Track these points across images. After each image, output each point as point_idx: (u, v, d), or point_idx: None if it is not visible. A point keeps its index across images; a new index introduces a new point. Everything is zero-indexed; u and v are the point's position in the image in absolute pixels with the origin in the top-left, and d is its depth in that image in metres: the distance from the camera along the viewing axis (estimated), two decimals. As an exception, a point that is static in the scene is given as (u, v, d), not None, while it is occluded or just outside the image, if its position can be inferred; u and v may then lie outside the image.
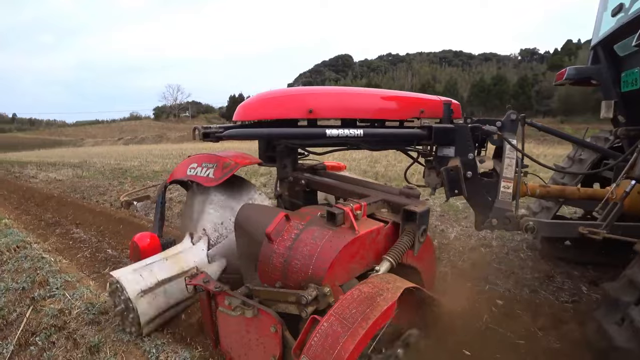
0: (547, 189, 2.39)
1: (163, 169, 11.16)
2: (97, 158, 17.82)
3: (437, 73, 65.94)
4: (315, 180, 2.20)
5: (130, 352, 1.87)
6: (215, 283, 1.51)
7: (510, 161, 2.11)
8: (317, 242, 1.38)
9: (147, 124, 78.27)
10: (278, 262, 1.42)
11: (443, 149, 2.15)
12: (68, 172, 11.60)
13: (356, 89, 2.25)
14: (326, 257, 1.32)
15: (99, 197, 6.91)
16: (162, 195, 2.47)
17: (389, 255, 1.42)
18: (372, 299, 1.18)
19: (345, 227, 1.43)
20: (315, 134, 1.95)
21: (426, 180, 2.34)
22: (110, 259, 3.47)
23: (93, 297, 2.47)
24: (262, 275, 1.49)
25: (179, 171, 2.37)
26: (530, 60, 79.24)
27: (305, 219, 1.52)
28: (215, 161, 2.14)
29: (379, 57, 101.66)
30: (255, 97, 2.16)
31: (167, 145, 38.12)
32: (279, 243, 1.44)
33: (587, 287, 2.76)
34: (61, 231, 4.57)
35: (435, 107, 2.24)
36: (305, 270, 1.34)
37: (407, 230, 1.54)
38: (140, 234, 2.15)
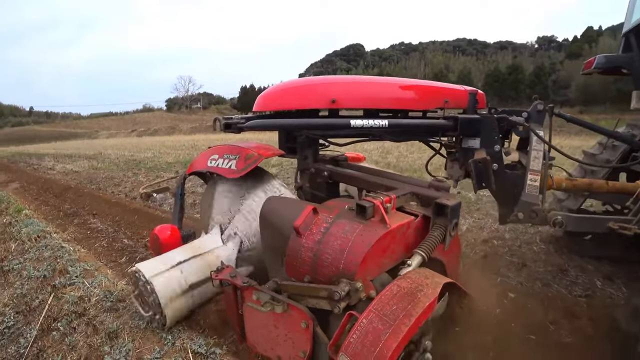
0: (573, 182, 2.34)
1: (176, 160, 11.30)
2: (111, 150, 18.13)
3: (451, 62, 64.71)
4: (338, 171, 2.15)
5: (147, 338, 1.93)
6: (242, 278, 1.49)
7: (537, 153, 2.06)
8: (347, 236, 1.34)
9: (160, 116, 79.03)
10: (307, 256, 1.38)
11: (468, 140, 2.10)
12: (84, 163, 11.85)
13: (380, 78, 2.19)
14: (358, 252, 1.29)
15: (114, 188, 7.05)
16: (181, 187, 2.45)
17: (420, 249, 1.39)
18: (412, 295, 1.15)
19: (375, 221, 1.39)
20: (340, 124, 1.91)
21: (448, 172, 2.29)
22: (126, 248, 3.57)
23: (111, 285, 2.55)
24: (290, 270, 1.45)
25: (199, 162, 2.33)
26: (548, 48, 76.97)
27: (333, 212, 1.47)
28: (238, 152, 2.08)
29: (391, 46, 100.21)
30: (275, 87, 2.12)
31: (180, 136, 38.49)
32: (308, 237, 1.41)
33: (601, 282, 2.72)
34: (79, 221, 4.70)
35: (459, 97, 2.18)
36: (336, 265, 1.31)
37: (438, 224, 1.51)
38: (161, 226, 2.13)
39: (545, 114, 2.14)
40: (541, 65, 50.09)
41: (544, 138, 2.07)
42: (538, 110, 2.13)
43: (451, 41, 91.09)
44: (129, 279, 1.95)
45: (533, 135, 2.07)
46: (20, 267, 3.06)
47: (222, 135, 9.52)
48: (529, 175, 2.06)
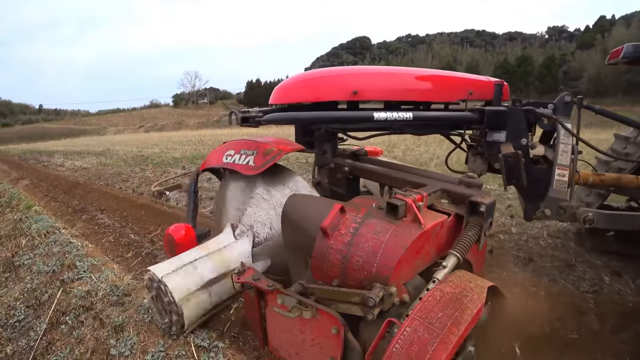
0: (600, 177, 2.25)
1: (183, 156, 11.38)
2: (119, 146, 18.30)
3: (458, 54, 63.89)
4: (360, 167, 2.05)
5: (152, 331, 1.96)
6: (266, 281, 1.39)
7: (565, 147, 1.95)
8: (379, 237, 1.25)
9: (167, 112, 79.51)
10: (336, 258, 1.30)
11: (493, 133, 2.01)
12: (92, 160, 11.98)
13: (402, 68, 2.11)
14: (392, 254, 1.20)
15: (122, 183, 7.12)
16: (194, 184, 2.34)
17: (455, 249, 1.31)
18: (458, 301, 1.08)
19: (408, 221, 1.30)
20: (363, 117, 1.82)
21: (470, 167, 2.22)
22: (132, 243, 3.60)
23: (117, 280, 2.59)
24: (317, 272, 1.37)
25: (214, 158, 2.21)
26: (559, 39, 75.49)
27: (361, 211, 1.38)
28: (255, 148, 1.96)
29: (398, 38, 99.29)
30: (293, 78, 2.04)
31: (186, 131, 38.73)
32: (336, 238, 1.32)
33: (609, 278, 2.69)
34: (87, 217, 4.76)
35: (484, 88, 2.10)
36: (368, 269, 1.22)
37: (473, 223, 1.42)
38: (175, 226, 2.02)
39: (572, 105, 2.05)
40: (551, 57, 49.20)
41: (572, 131, 1.97)
42: (565, 102, 2.04)
43: (459, 32, 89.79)
44: (145, 286, 1.87)
45: (560, 128, 1.96)
46: (30, 262, 3.11)
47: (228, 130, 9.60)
48: (557, 169, 1.96)
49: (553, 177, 1.96)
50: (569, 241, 3.23)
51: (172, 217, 4.37)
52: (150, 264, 3.17)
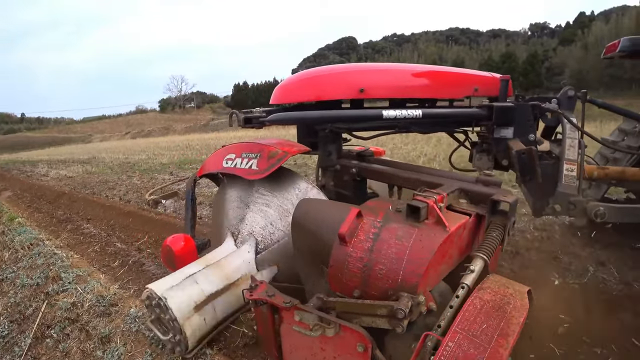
0: (605, 171, 2.25)
1: (170, 161, 11.27)
2: (105, 153, 18.04)
3: (444, 52, 64.61)
4: (369, 167, 1.97)
5: (139, 341, 1.94)
6: (282, 296, 1.27)
7: (572, 142, 1.93)
8: (403, 242, 1.16)
9: (153, 117, 78.58)
10: (356, 267, 1.20)
11: (501, 129, 1.97)
12: (78, 168, 11.76)
13: (408, 65, 2.06)
14: (419, 260, 1.11)
15: (109, 191, 7.01)
16: (191, 191, 2.21)
17: (481, 252, 1.23)
18: (501, 309, 1.00)
19: (430, 223, 1.22)
20: (372, 115, 1.75)
21: (476, 164, 2.18)
22: (119, 252, 3.54)
23: (103, 290, 2.55)
24: (335, 283, 1.27)
25: (212, 163, 2.06)
26: (541, 35, 76.87)
27: (378, 214, 1.28)
28: (259, 150, 1.83)
29: (384, 38, 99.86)
30: (296, 76, 1.96)
31: (174, 137, 38.30)
32: (355, 245, 1.22)
33: (594, 267, 2.74)
34: (72, 227, 4.66)
35: (489, 84, 2.07)
36: (393, 277, 1.13)
37: (496, 223, 1.35)
38: (173, 237, 1.87)
39: (576, 100, 2.04)
40: (534, 53, 50.08)
41: (578, 125, 1.96)
42: (569, 96, 2.02)
43: (444, 31, 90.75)
44: (144, 305, 1.71)
45: (566, 122, 1.92)
46: (13, 275, 3.04)
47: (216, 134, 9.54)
48: (565, 164, 1.93)
49: (561, 172, 1.93)
50: (554, 234, 3.28)
51: (160, 224, 4.31)
52: (137, 273, 3.12)
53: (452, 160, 2.61)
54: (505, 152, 2.02)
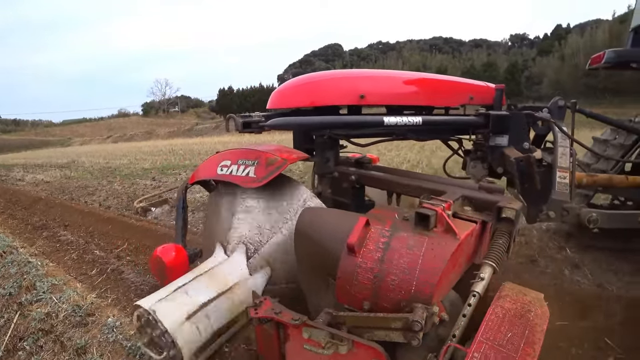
0: (593, 178, 2.35)
1: (153, 166, 11.09)
2: (85, 157, 17.63)
3: (427, 60, 65.81)
4: (368, 175, 1.94)
5: (116, 351, 1.90)
6: (289, 313, 1.21)
7: (564, 150, 1.98)
8: (414, 251, 1.14)
9: (136, 121, 77.09)
10: (366, 278, 1.16)
11: (496, 137, 2.02)
12: (56, 173, 11.44)
13: (407, 72, 2.09)
14: (432, 270, 1.09)
15: (88, 197, 6.84)
16: (182, 198, 2.12)
17: (489, 259, 1.22)
18: (523, 317, 1.00)
19: (440, 232, 1.20)
20: (373, 122, 1.74)
21: (470, 172, 2.22)
22: (97, 260, 3.46)
23: (80, 299, 2.49)
24: (342, 295, 1.22)
25: (206, 170, 1.98)
26: (521, 45, 79.22)
27: (386, 223, 1.25)
28: (256, 157, 1.76)
29: (369, 45, 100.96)
30: (294, 81, 1.92)
31: (157, 141, 37.68)
32: (365, 255, 1.18)
33: (569, 270, 2.83)
34: (48, 234, 4.52)
35: (484, 93, 2.13)
36: (406, 288, 1.10)
37: (502, 230, 1.35)
38: (163, 247, 1.76)
39: (566, 109, 2.12)
40: (514, 63, 51.50)
41: (569, 134, 2.02)
42: (559, 106, 2.09)
43: (428, 40, 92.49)
44: (136, 328, 1.57)
45: (558, 131, 1.97)
46: (-16, 285, 2.93)
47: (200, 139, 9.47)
48: (558, 172, 1.97)
49: (554, 180, 1.97)
50: (532, 238, 3.37)
51: (141, 230, 4.23)
52: (115, 281, 3.01)
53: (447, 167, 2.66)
54: (501, 160, 2.06)
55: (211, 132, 46.94)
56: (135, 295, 2.69)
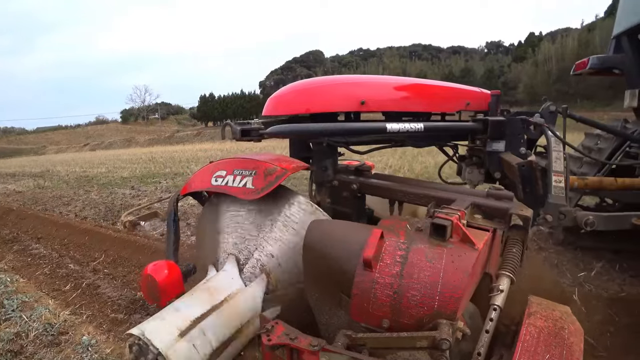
0: (585, 181, 2.40)
1: (132, 175, 10.81)
2: (60, 166, 17.05)
3: (407, 67, 67.01)
4: (370, 183, 1.88)
5: (92, 373, 1.80)
6: (306, 338, 1.11)
7: (557, 154, 2.00)
8: (435, 264, 1.08)
9: (115, 128, 75.36)
10: (384, 294, 1.10)
11: (493, 143, 2.03)
12: (28, 182, 10.98)
13: (407, 78, 2.07)
14: (456, 283, 1.03)
15: (63, 207, 6.58)
16: (174, 211, 1.98)
17: (506, 270, 1.18)
18: (558, 336, 0.95)
19: (456, 242, 1.15)
20: (376, 128, 1.70)
21: (467, 177, 2.23)
22: (72, 274, 3.30)
23: (52, 317, 2.37)
24: (358, 313, 1.15)
25: (199, 180, 1.87)
26: (496, 52, 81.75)
27: (399, 234, 1.19)
28: (254, 167, 1.66)
29: (350, 52, 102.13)
30: (292, 87, 1.86)
31: (136, 149, 36.90)
32: (382, 270, 1.11)
33: (548, 270, 2.89)
34: (19, 248, 4.28)
35: (479, 99, 2.15)
36: (429, 303, 1.05)
37: (514, 238, 1.31)
38: (154, 265, 1.60)
39: (557, 114, 2.16)
40: (491, 69, 53.29)
41: (562, 139, 2.03)
42: (550, 111, 2.13)
43: (407, 46, 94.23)
44: (127, 357, 1.39)
45: (551, 136, 2.01)
46: (-53, 305, 2.75)
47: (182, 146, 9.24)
48: (553, 176, 1.98)
49: (550, 184, 1.98)
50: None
51: (119, 242, 4.08)
52: (91, 296, 2.84)
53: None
54: (498, 165, 2.08)
55: (192, 139, 46.31)
56: (112, 311, 2.57)
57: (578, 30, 44.03)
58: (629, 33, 2.55)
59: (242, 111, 63.90)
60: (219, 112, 65.63)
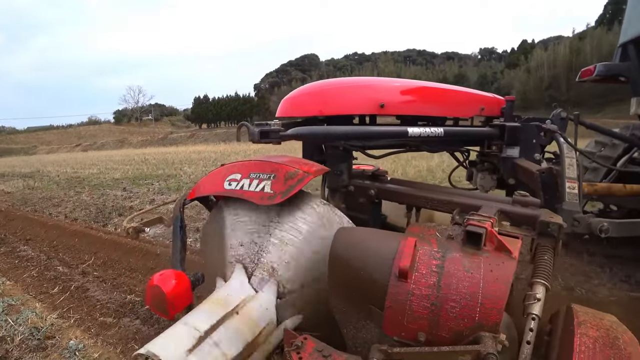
0: (594, 187, 2.42)
1: (124, 176, 10.69)
2: (51, 166, 16.83)
3: (402, 72, 67.44)
4: (389, 188, 1.82)
5: (78, 379, 1.76)
6: (340, 354, 1.07)
7: (570, 160, 2.00)
8: (473, 274, 1.04)
9: (108, 129, 74.66)
10: (421, 306, 1.06)
11: (508, 149, 2.04)
12: (18, 183, 10.81)
13: (426, 82, 2.04)
14: (497, 294, 1.00)
15: (53, 209, 6.47)
16: (180, 217, 1.87)
17: (540, 277, 1.15)
18: (614, 347, 0.92)
19: (491, 250, 1.12)
20: (397, 132, 1.67)
21: (479, 183, 2.23)
22: (60, 277, 3.24)
23: (38, 321, 2.32)
24: (392, 326, 1.10)
25: (210, 184, 1.75)
26: (490, 59, 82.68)
27: (431, 242, 1.14)
28: (272, 170, 1.56)
29: (345, 56, 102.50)
30: (308, 88, 1.80)
31: (129, 150, 36.61)
32: (418, 280, 1.06)
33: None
34: (7, 249, 4.19)
35: (493, 104, 2.14)
36: (469, 315, 1.01)
37: (544, 245, 1.28)
38: (161, 274, 1.48)
39: (567, 121, 2.17)
40: (484, 75, 53.88)
41: (574, 145, 2.03)
42: (562, 117, 2.13)
43: (402, 52, 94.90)
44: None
45: (563, 142, 2.00)
46: None
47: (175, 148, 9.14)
48: (567, 183, 1.97)
49: (564, 191, 1.96)
50: None
51: (109, 244, 4.02)
52: (79, 299, 2.75)
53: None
54: (512, 171, 2.06)
55: (186, 141, 46.07)
56: (100, 314, 2.52)
57: (570, 38, 44.71)
58: (635, 42, 2.60)
59: (236, 113, 63.75)
60: (213, 114, 65.40)
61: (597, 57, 33.47)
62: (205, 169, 11.82)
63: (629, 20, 2.75)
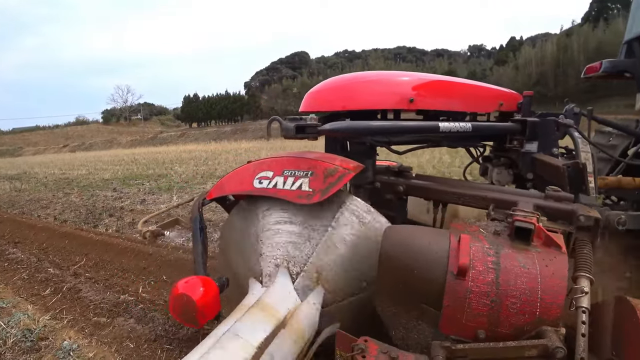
0: (605, 180, 2.44)
1: (113, 177, 10.57)
2: (38, 168, 16.55)
3: (392, 69, 67.66)
4: (417, 184, 1.79)
5: (72, 379, 1.76)
6: (411, 356, 1.05)
7: (586, 155, 2.02)
8: (530, 269, 1.04)
9: (96, 129, 73.48)
10: (481, 304, 1.06)
11: (527, 144, 2.04)
12: (4, 185, 10.60)
13: (452, 78, 2.05)
14: (555, 288, 1.01)
15: (42, 211, 6.38)
16: (199, 218, 1.73)
17: (583, 271, 1.15)
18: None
19: (540, 245, 1.12)
20: (429, 127, 1.67)
21: (496, 178, 2.24)
22: (51, 278, 3.20)
23: (31, 323, 2.30)
24: (450, 324, 1.10)
25: (236, 182, 1.63)
26: (479, 56, 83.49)
27: (480, 239, 1.14)
28: (309, 167, 1.46)
29: (336, 53, 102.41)
30: (333, 82, 1.77)
31: (118, 150, 36.17)
32: (476, 278, 1.06)
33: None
34: (-6, 253, 4.18)
35: (511, 99, 2.15)
36: (530, 311, 1.02)
37: (584, 240, 1.29)
38: (186, 282, 1.36)
39: (580, 116, 2.19)
40: (473, 71, 54.33)
41: (589, 139, 2.05)
42: (575, 112, 2.15)
43: (392, 49, 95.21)
44: None
45: (578, 137, 2.01)
46: None
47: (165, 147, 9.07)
48: None
49: (588, 185, 1.94)
50: None
51: (100, 245, 3.99)
52: (72, 300, 2.70)
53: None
54: (531, 166, 2.08)
55: (176, 140, 45.63)
56: (94, 315, 2.50)
57: (557, 36, 45.34)
58: None
59: (227, 112, 63.32)
60: (203, 112, 64.84)
61: (584, 53, 34.11)
62: (197, 168, 11.74)
63: (634, 17, 2.79)
